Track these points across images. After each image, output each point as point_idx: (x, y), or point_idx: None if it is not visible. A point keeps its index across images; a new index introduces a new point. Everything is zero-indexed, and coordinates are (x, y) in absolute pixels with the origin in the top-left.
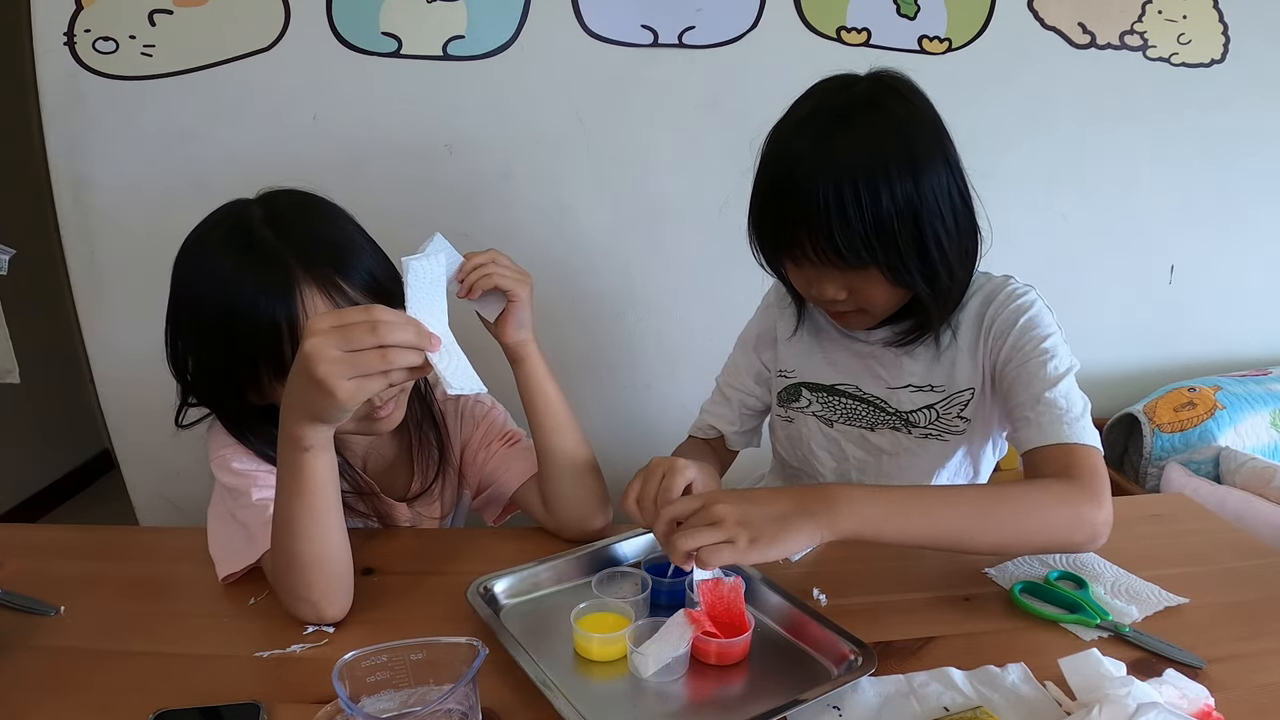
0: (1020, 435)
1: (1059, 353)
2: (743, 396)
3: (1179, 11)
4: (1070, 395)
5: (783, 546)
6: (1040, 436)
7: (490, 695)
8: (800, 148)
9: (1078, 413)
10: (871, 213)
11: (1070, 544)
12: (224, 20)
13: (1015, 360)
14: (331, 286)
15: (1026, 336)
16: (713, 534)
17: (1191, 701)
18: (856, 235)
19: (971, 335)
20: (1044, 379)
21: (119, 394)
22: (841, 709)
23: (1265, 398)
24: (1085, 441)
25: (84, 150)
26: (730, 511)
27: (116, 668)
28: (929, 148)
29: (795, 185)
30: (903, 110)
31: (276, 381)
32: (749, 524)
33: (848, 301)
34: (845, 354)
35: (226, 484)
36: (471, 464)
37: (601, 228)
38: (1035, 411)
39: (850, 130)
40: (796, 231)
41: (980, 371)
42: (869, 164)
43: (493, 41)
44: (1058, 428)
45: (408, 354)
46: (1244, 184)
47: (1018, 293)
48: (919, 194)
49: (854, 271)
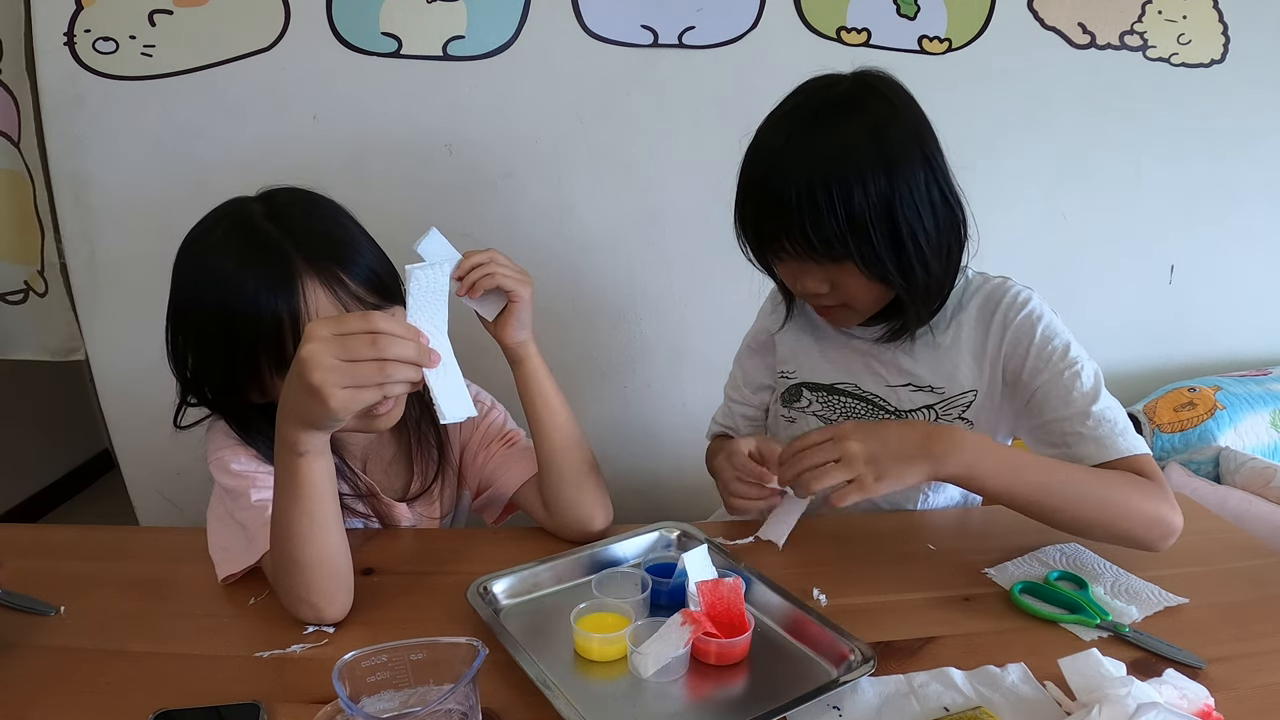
0: (1077, 451)
1: (1084, 362)
2: (744, 409)
3: (1179, 11)
4: (1113, 406)
5: (901, 482)
6: (1101, 451)
7: (490, 695)
8: (777, 144)
9: (1124, 423)
10: (844, 208)
11: (1144, 539)
12: (224, 20)
13: (1045, 373)
14: (334, 280)
15: (1049, 348)
16: (842, 472)
17: (1191, 701)
18: (829, 229)
19: (976, 338)
20: (1085, 393)
21: (119, 394)
22: (841, 709)
23: (1265, 398)
24: (1144, 451)
25: (84, 150)
26: (860, 450)
27: (116, 668)
28: (906, 147)
29: (771, 180)
30: (882, 110)
31: (278, 377)
32: (876, 461)
33: (831, 296)
34: (844, 352)
35: (225, 485)
36: (471, 464)
37: (602, 228)
38: (1087, 427)
39: (827, 128)
40: (773, 225)
41: (986, 375)
42: (843, 161)
43: (493, 41)
44: (1114, 441)
45: (405, 369)
46: (1244, 184)
47: (1024, 298)
48: (893, 192)
49: (832, 265)
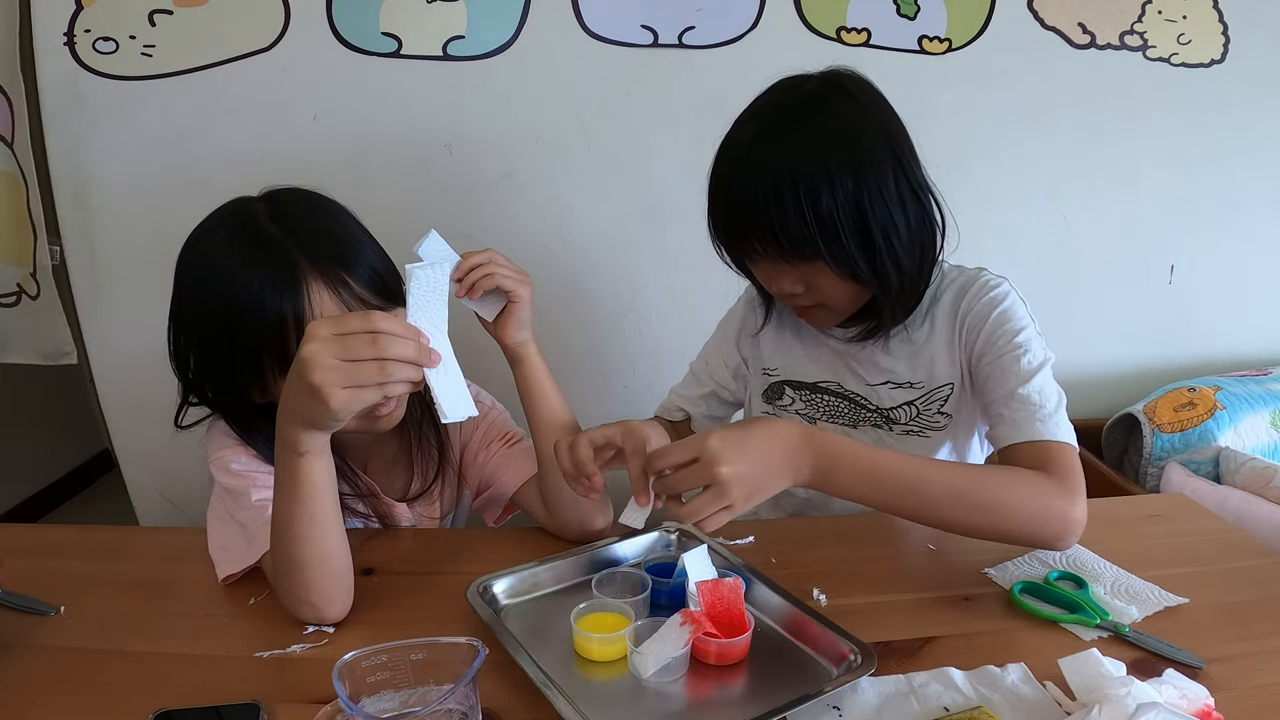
0: (995, 433)
1: (1032, 347)
2: (716, 387)
3: (1179, 11)
4: (1044, 390)
5: (767, 496)
6: (1014, 434)
7: (490, 695)
8: (745, 145)
9: (1051, 408)
10: (812, 210)
11: (1038, 538)
12: (224, 20)
13: (989, 355)
14: (337, 281)
15: (1000, 331)
16: (716, 501)
17: (1191, 701)
18: (798, 230)
19: (947, 329)
20: (1018, 374)
21: (119, 394)
22: (841, 709)
23: (1265, 398)
24: (1059, 438)
25: (84, 150)
26: (730, 474)
27: (116, 668)
28: (875, 147)
29: (737, 180)
30: (850, 109)
31: (281, 378)
32: (745, 480)
33: (806, 296)
34: (825, 350)
35: (225, 485)
36: (471, 464)
37: (601, 228)
38: (1009, 408)
39: (794, 128)
40: (741, 226)
41: (957, 366)
42: (810, 161)
43: (493, 41)
44: (1031, 424)
45: (406, 368)
46: (1244, 184)
47: (990, 284)
48: (862, 192)
49: (805, 265)
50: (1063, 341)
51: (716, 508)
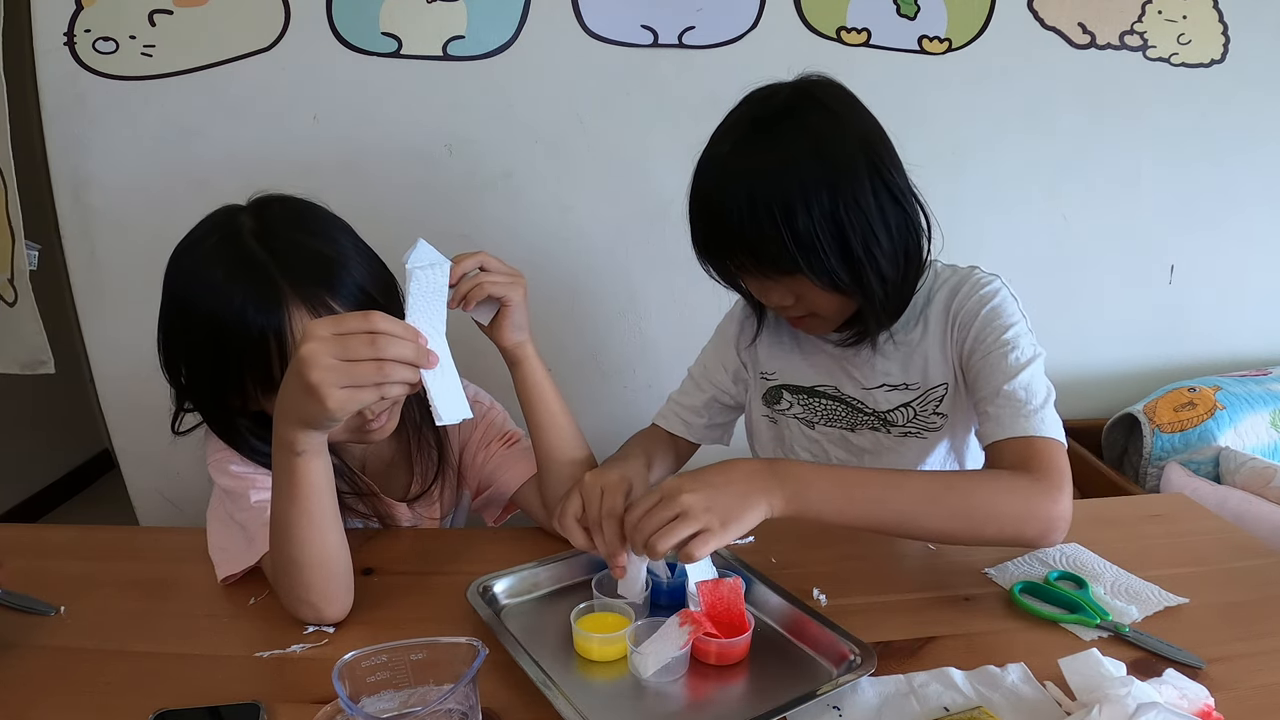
0: (982, 429)
1: (1021, 343)
2: (716, 392)
3: (1179, 11)
4: (1031, 386)
5: (746, 522)
6: (999, 430)
7: (490, 695)
8: (719, 161)
9: (1038, 404)
10: (788, 229)
11: (1021, 538)
12: (224, 20)
13: (978, 352)
14: (321, 305)
15: (989, 328)
16: (687, 526)
17: (1191, 701)
18: (775, 248)
19: (940, 330)
20: (1005, 371)
21: (119, 394)
22: (841, 709)
23: (1265, 398)
24: (1044, 433)
25: (84, 150)
26: (696, 501)
27: (116, 668)
28: (850, 158)
29: (713, 197)
30: (823, 120)
31: (262, 394)
32: (715, 507)
33: (797, 307)
34: (821, 355)
35: (225, 486)
36: (471, 464)
37: (602, 228)
38: (995, 405)
39: (766, 143)
40: (719, 244)
41: (950, 365)
42: (782, 178)
43: (493, 41)
44: (1016, 420)
45: (404, 369)
46: (1244, 184)
47: (982, 283)
48: (839, 206)
49: (790, 278)
50: (1063, 341)
51: (687, 532)
